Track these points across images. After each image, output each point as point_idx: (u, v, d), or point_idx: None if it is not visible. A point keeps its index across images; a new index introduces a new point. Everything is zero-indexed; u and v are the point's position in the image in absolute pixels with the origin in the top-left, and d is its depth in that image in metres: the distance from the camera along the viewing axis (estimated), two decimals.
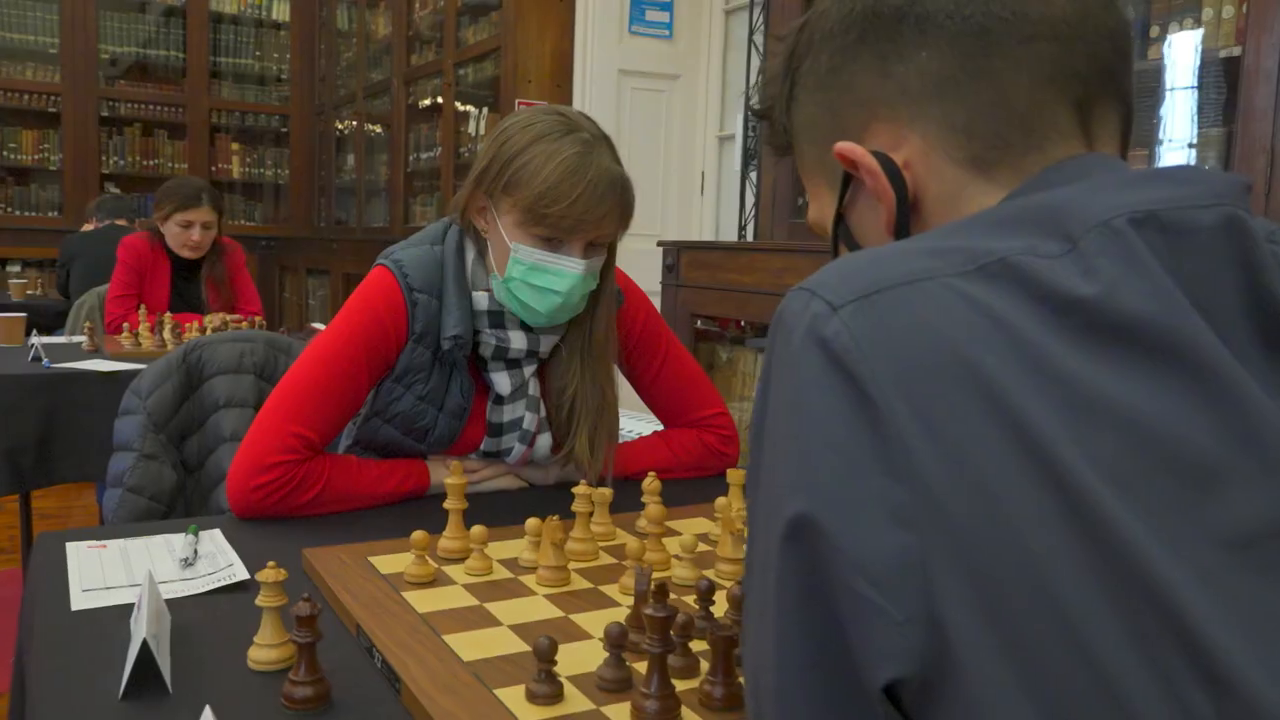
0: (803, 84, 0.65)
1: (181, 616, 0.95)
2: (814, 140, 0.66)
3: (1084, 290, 0.46)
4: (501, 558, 1.08)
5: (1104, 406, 0.44)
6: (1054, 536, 0.42)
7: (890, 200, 0.59)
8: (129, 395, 1.74)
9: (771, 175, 3.02)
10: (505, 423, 1.40)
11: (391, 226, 5.72)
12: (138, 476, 1.66)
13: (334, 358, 1.29)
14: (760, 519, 0.50)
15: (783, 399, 0.49)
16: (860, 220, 0.64)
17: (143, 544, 1.16)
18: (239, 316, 3.34)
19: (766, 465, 0.50)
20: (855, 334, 0.46)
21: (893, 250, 0.51)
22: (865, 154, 0.60)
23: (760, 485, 0.51)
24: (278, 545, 1.18)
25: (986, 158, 0.58)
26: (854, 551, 0.43)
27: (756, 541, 0.50)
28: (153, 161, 6.64)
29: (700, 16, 4.40)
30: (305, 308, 6.79)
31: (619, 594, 1.00)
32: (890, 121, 0.60)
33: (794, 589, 0.45)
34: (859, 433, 0.45)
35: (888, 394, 0.45)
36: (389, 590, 0.98)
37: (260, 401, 1.85)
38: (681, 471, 1.50)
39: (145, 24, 6.61)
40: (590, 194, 1.24)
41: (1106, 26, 0.58)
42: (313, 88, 7.08)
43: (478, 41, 4.81)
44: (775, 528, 0.46)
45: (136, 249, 3.32)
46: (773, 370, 0.51)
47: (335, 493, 1.28)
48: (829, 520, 0.44)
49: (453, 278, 1.34)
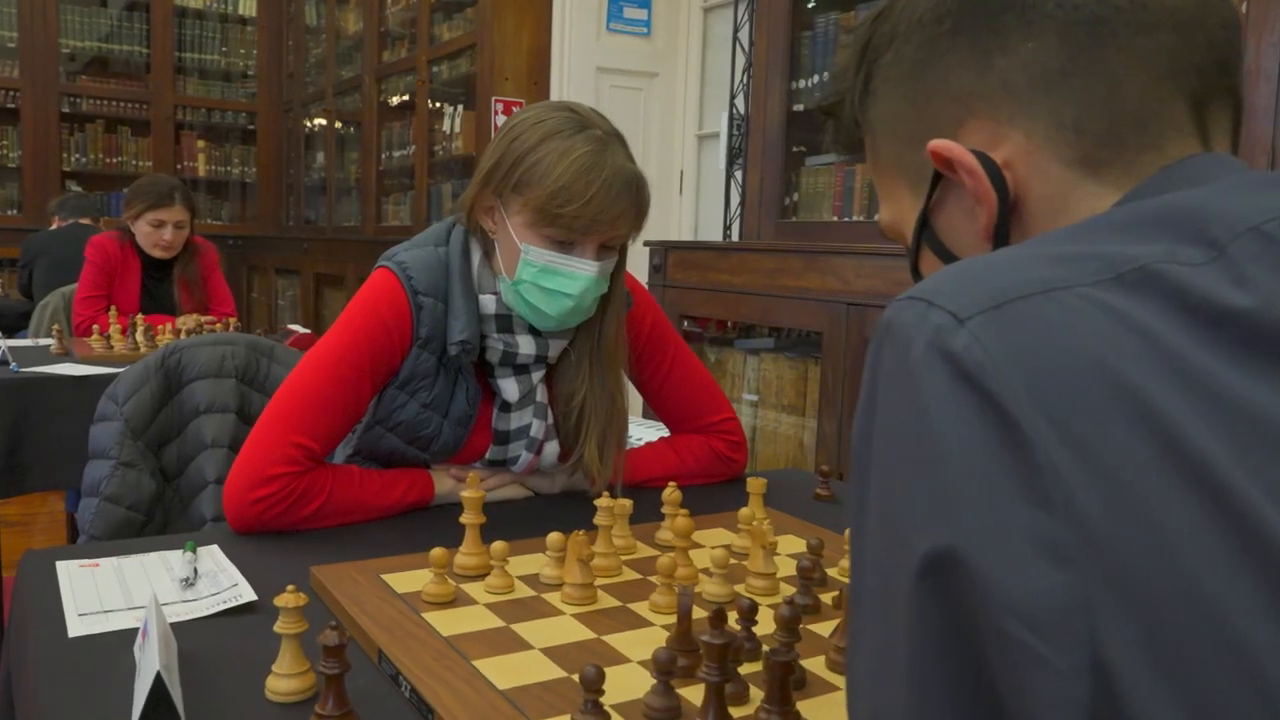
0: (883, 77, 0.61)
1: (188, 642, 0.89)
2: (894, 138, 0.62)
3: (1239, 301, 0.42)
4: (520, 574, 1.04)
5: (1274, 430, 0.40)
6: (1229, 575, 0.38)
7: (992, 202, 0.55)
8: (105, 401, 1.68)
9: (758, 174, 2.98)
10: (512, 430, 1.35)
11: (364, 226, 5.63)
12: (115, 485, 1.60)
13: (336, 364, 1.24)
14: (876, 551, 0.45)
15: (900, 420, 0.44)
16: (949, 224, 0.60)
17: (138, 562, 1.10)
18: (213, 318, 3.25)
19: (879, 492, 0.45)
20: (988, 348, 0.42)
21: (1011, 257, 0.47)
22: (965, 153, 0.55)
23: (869, 513, 0.47)
24: (281, 562, 1.12)
25: (1097, 157, 0.54)
26: (1006, 591, 0.39)
27: (869, 575, 0.46)
28: (116, 159, 6.49)
29: (678, 14, 4.37)
30: (274, 308, 6.68)
31: (650, 612, 0.96)
32: (988, 118, 0.56)
33: (933, 633, 0.41)
34: (1001, 457, 0.41)
35: (1030, 414, 0.41)
36: (408, 611, 0.93)
37: (243, 407, 1.79)
38: (689, 479, 1.46)
39: (107, 18, 6.46)
40: (605, 193, 1.20)
41: (1223, 17, 0.55)
42: (280, 84, 6.96)
43: (452, 38, 4.74)
44: (905, 563, 0.42)
45: (105, 249, 3.22)
46: (880, 388, 0.47)
47: (338, 505, 1.23)
48: (975, 556, 0.40)
49: (459, 280, 1.29)
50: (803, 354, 2.71)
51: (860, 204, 2.77)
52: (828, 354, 2.46)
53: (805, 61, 2.92)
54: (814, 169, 2.96)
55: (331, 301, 6.04)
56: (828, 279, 2.45)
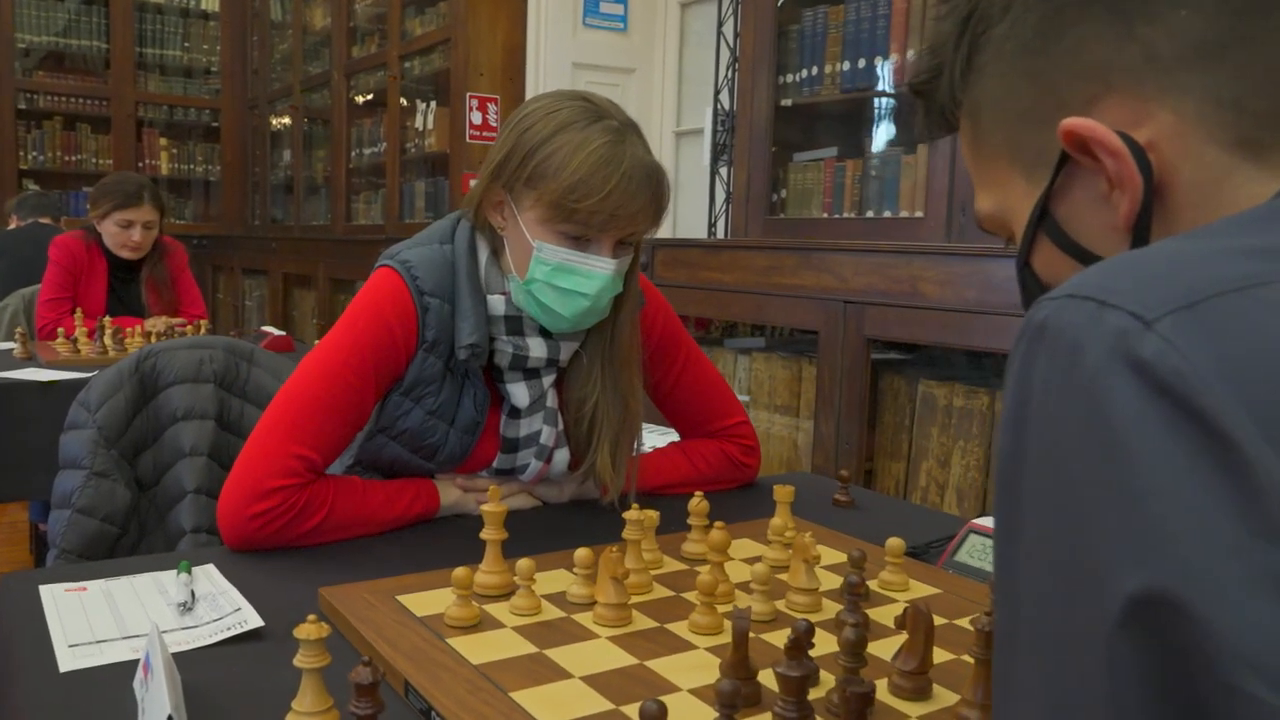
0: (994, 51, 0.55)
1: (190, 674, 0.82)
2: (1006, 118, 0.56)
3: None
4: (543, 593, 0.97)
5: None
6: None
7: (1136, 188, 0.49)
8: (76, 408, 1.60)
9: (745, 171, 2.93)
10: (521, 437, 1.28)
11: (333, 224, 5.52)
12: (88, 496, 1.53)
13: (338, 369, 1.16)
14: (1041, 588, 0.39)
15: (1075, 439, 0.38)
16: (1074, 213, 0.54)
17: (127, 584, 1.02)
18: (183, 320, 3.14)
19: (1051, 523, 0.39)
20: (1186, 354, 0.36)
21: (1188, 250, 0.41)
22: (1108, 132, 0.49)
23: (1027, 543, 0.41)
24: (283, 582, 1.05)
25: (1258, 138, 0.48)
26: (1233, 638, 0.33)
27: (1031, 615, 0.40)
28: (75, 157, 6.31)
29: (655, 9, 4.31)
30: (242, 309, 6.54)
31: (690, 633, 0.89)
32: (1130, 94, 0.50)
33: (1142, 689, 0.35)
34: (1214, 481, 0.35)
35: (1247, 431, 0.35)
36: (431, 637, 0.86)
37: (222, 413, 1.71)
38: (702, 485, 1.39)
39: (64, 11, 6.28)
40: (625, 187, 1.13)
41: None
42: (245, 80, 6.81)
43: (425, 33, 4.65)
44: (1097, 606, 0.36)
45: (70, 249, 3.10)
46: (1038, 401, 0.41)
47: (340, 519, 1.15)
48: (1193, 598, 0.34)
49: (466, 280, 1.22)
50: (796, 353, 2.66)
51: (851, 200, 2.72)
52: (824, 353, 2.41)
53: (793, 56, 2.86)
54: (802, 165, 2.91)
55: (301, 302, 5.92)
56: (824, 276, 2.40)
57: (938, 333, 2.15)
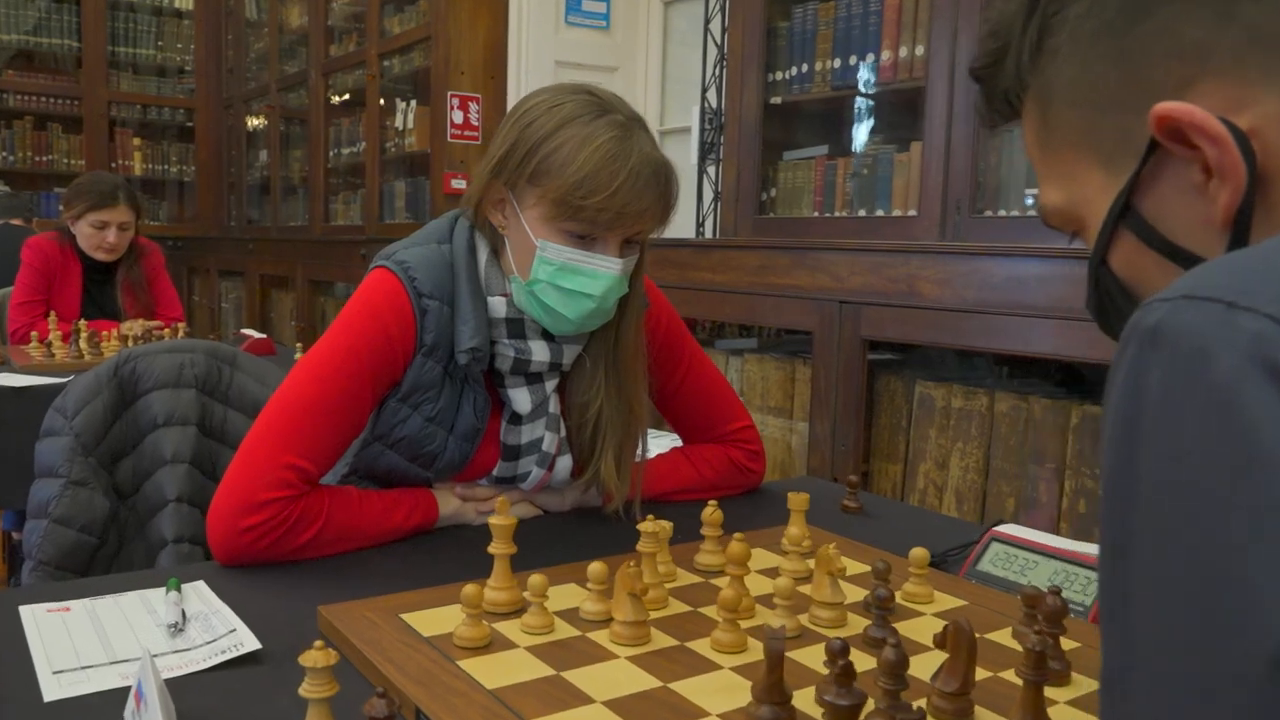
0: (1071, 32, 0.51)
1: (184, 701, 0.76)
2: (1083, 103, 0.51)
3: None
4: (556, 609, 0.92)
5: None
6: None
7: (1239, 177, 0.45)
8: (52, 414, 1.54)
9: (734, 169, 2.89)
10: (523, 444, 1.23)
11: (311, 225, 5.44)
12: (65, 506, 1.47)
13: (333, 375, 1.11)
14: (1167, 621, 0.35)
15: (1205, 453, 0.34)
16: (1164, 206, 0.50)
17: (112, 603, 0.97)
18: (160, 323, 3.07)
19: (1178, 548, 0.35)
20: None
21: None
22: (1208, 118, 0.45)
23: (1142, 567, 0.36)
24: (278, 599, 1.00)
25: None
26: None
27: (1150, 649, 0.36)
28: (46, 157, 6.20)
29: (638, 7, 4.27)
30: (219, 311, 6.44)
31: (713, 652, 0.85)
32: (1229, 78, 0.46)
33: None
34: None
35: None
36: (439, 659, 0.81)
37: (204, 419, 1.65)
38: (707, 491, 1.35)
39: (35, 9, 6.16)
40: (632, 183, 1.09)
41: None
42: (220, 80, 6.71)
43: (404, 31, 4.59)
44: (1247, 648, 0.32)
45: (44, 250, 3.02)
46: (1152, 411, 0.37)
47: (335, 532, 1.10)
48: None
49: (465, 281, 1.17)
50: (789, 354, 2.62)
51: (843, 199, 2.69)
52: (819, 354, 2.37)
53: (782, 54, 2.83)
54: (792, 163, 2.87)
55: (279, 304, 5.83)
56: (819, 276, 2.36)
57: (935, 333, 2.12)
